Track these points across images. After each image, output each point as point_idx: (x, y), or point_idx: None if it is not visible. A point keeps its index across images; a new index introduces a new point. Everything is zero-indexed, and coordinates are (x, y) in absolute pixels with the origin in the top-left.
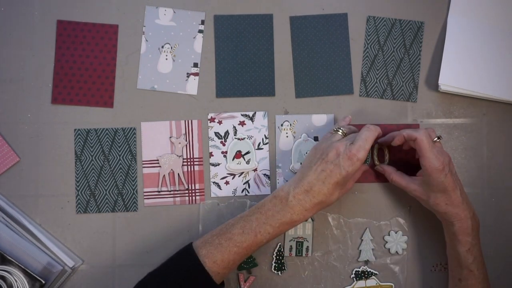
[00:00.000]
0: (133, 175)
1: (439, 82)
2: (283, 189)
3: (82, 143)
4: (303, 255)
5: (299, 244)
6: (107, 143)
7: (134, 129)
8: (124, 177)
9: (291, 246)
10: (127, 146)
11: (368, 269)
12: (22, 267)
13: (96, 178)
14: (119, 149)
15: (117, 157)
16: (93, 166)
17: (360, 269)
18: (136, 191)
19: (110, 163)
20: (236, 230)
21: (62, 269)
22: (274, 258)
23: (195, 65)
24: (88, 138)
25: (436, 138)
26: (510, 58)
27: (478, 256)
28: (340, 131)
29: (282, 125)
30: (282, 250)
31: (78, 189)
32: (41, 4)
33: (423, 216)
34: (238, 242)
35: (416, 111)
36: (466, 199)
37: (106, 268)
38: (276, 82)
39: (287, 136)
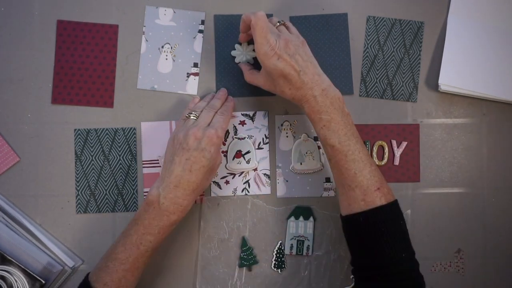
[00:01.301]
0: (133, 175)
1: (439, 82)
2: (151, 192)
3: (82, 143)
4: (304, 254)
5: (300, 243)
6: (107, 143)
7: (134, 129)
8: (124, 177)
9: (291, 244)
10: (127, 146)
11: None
12: (22, 267)
13: (96, 178)
14: (119, 149)
15: (117, 157)
16: (93, 166)
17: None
18: (136, 191)
19: (110, 163)
20: (118, 248)
21: (62, 269)
22: (274, 256)
23: (195, 65)
24: (88, 138)
25: (277, 23)
26: (510, 58)
27: (339, 130)
28: (192, 115)
29: (282, 125)
30: (282, 248)
31: (78, 189)
32: (41, 4)
33: (423, 215)
34: (123, 259)
35: (416, 111)
36: (313, 78)
37: None
38: None
39: (287, 136)
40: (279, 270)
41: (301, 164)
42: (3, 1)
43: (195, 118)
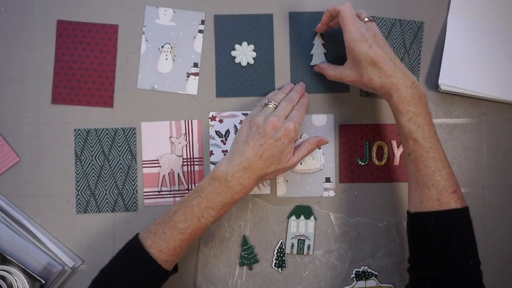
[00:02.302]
0: (133, 175)
1: (439, 82)
2: (219, 168)
3: (82, 143)
4: (304, 253)
5: (301, 242)
6: (107, 143)
7: (134, 129)
8: (124, 177)
9: (292, 243)
10: (127, 146)
11: (369, 270)
12: (22, 267)
13: (96, 178)
14: (119, 149)
15: (117, 157)
16: (93, 166)
17: (360, 270)
18: (136, 191)
19: (110, 163)
20: (178, 217)
21: (62, 269)
22: (275, 255)
23: (195, 65)
24: (88, 138)
25: (366, 18)
26: (510, 58)
27: (424, 126)
28: (271, 104)
29: None
30: (283, 247)
31: (78, 189)
32: (41, 4)
33: None
34: (182, 229)
35: None
36: (403, 69)
37: None
38: (276, 82)
39: None
40: (279, 269)
41: (301, 164)
42: (3, 1)
43: (273, 107)
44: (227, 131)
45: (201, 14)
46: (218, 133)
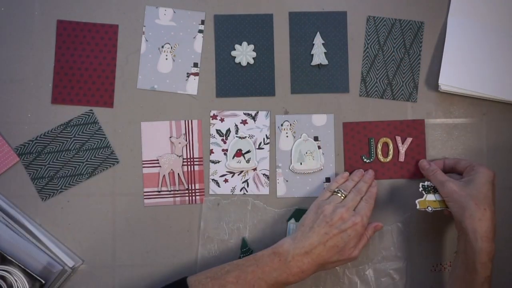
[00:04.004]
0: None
1: (439, 82)
2: (283, 246)
3: None
4: None
5: None
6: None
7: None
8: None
9: None
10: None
11: (432, 184)
12: (22, 267)
13: None
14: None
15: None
16: None
17: (426, 184)
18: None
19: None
20: (230, 278)
21: (62, 269)
22: None
23: (195, 65)
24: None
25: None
26: (510, 58)
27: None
28: (340, 193)
29: (282, 125)
30: None
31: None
32: (41, 4)
33: (424, 216)
34: None
35: (416, 111)
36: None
37: (106, 268)
38: (276, 82)
39: (287, 136)
40: None
41: (301, 164)
42: (3, 1)
43: (342, 197)
44: (228, 130)
45: (201, 14)
46: (219, 132)
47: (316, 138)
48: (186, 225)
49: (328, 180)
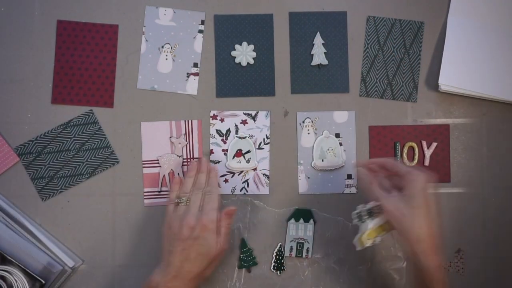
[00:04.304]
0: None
1: (439, 82)
2: (152, 280)
3: None
4: (303, 256)
5: (300, 245)
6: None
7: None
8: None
9: (291, 246)
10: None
11: (366, 207)
12: (22, 267)
13: None
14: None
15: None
16: None
17: (358, 211)
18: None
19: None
20: None
21: (62, 269)
22: (274, 258)
23: (195, 65)
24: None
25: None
26: (510, 58)
27: None
28: (183, 201)
29: (303, 122)
30: (282, 250)
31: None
32: (41, 4)
33: None
34: None
35: (416, 111)
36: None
37: (106, 268)
38: (276, 82)
39: (308, 133)
40: (278, 272)
41: (322, 161)
42: (3, 1)
43: (185, 204)
44: (228, 130)
45: (201, 14)
46: (219, 132)
47: (337, 135)
48: None
49: (349, 177)
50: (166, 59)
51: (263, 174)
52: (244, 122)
